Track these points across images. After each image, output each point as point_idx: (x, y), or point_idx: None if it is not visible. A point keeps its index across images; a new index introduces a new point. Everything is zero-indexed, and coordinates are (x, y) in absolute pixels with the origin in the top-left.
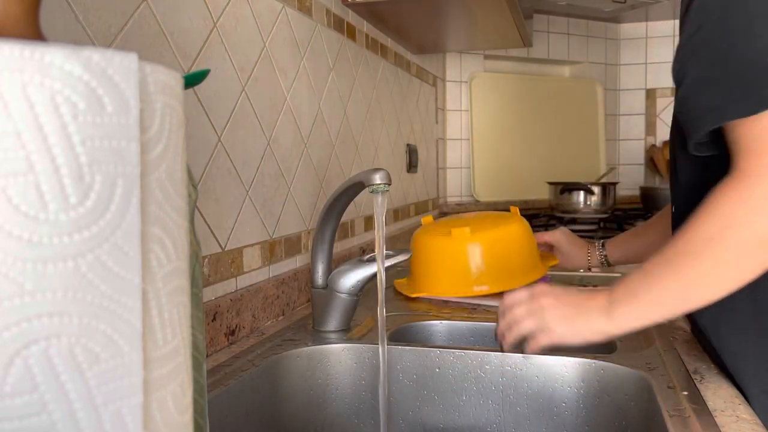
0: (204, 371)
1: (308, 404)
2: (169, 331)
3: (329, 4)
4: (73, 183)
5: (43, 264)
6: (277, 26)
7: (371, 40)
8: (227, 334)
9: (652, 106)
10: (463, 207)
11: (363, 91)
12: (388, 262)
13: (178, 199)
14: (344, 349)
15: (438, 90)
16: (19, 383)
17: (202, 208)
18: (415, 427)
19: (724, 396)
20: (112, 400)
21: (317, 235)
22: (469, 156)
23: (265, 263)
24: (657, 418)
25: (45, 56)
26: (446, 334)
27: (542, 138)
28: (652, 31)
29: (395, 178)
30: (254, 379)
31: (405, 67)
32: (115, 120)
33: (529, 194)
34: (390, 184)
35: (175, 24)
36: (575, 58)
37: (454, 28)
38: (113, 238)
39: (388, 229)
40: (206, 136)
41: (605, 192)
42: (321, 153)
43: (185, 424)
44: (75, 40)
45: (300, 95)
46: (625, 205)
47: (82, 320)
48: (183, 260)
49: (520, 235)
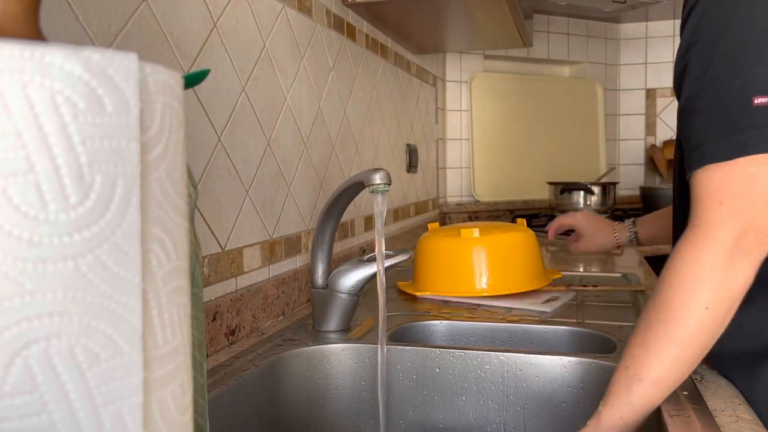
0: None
1: (308, 404)
2: (169, 331)
3: (329, 4)
4: (73, 183)
5: (43, 264)
6: (277, 26)
7: (371, 40)
8: (227, 334)
9: (652, 106)
10: (463, 207)
11: (363, 91)
12: (388, 262)
13: (178, 199)
14: (344, 349)
15: (438, 90)
16: (19, 383)
17: (202, 208)
18: (415, 427)
19: (724, 396)
20: (112, 400)
21: (317, 235)
22: (469, 156)
23: (265, 263)
24: (657, 418)
25: (45, 56)
26: (446, 334)
27: (542, 138)
28: (652, 31)
29: (395, 178)
30: (254, 379)
31: (405, 67)
32: (115, 120)
33: (529, 194)
34: (390, 184)
35: (175, 24)
36: (575, 58)
37: (454, 28)
38: (113, 238)
39: (388, 229)
40: (206, 136)
41: (605, 192)
42: (321, 153)
43: (185, 424)
44: (75, 40)
45: (300, 95)
46: (625, 205)
47: (82, 320)
48: (183, 260)
49: (525, 243)
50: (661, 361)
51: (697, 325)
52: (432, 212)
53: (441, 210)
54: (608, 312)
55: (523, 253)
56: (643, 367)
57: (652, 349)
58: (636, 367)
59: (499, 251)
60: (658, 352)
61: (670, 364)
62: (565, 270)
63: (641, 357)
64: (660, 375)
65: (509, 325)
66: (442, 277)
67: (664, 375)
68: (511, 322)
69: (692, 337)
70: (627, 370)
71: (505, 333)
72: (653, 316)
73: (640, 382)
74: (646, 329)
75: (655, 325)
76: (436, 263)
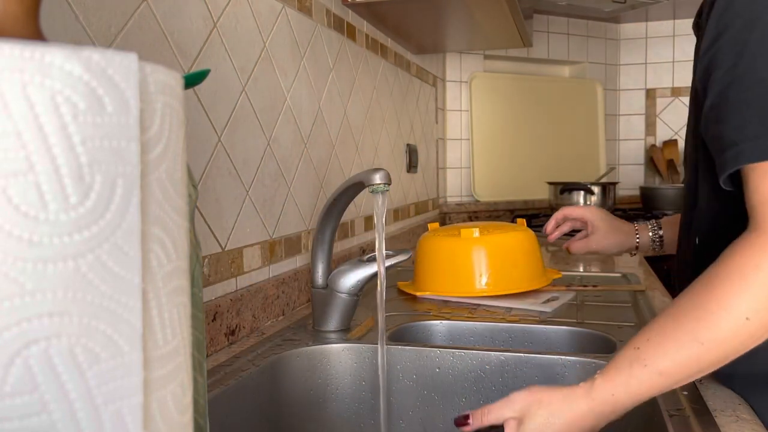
0: (204, 371)
1: (308, 404)
2: (169, 331)
3: (329, 4)
4: (73, 183)
5: (43, 264)
6: (277, 26)
7: (371, 40)
8: (227, 334)
9: (652, 106)
10: (463, 207)
11: (363, 91)
12: (388, 262)
13: (178, 199)
14: (344, 349)
15: (438, 90)
16: (19, 383)
17: (202, 208)
18: (415, 427)
19: (724, 396)
20: (112, 400)
21: (317, 235)
22: (469, 156)
23: (265, 263)
24: (657, 418)
25: (45, 56)
26: (446, 334)
27: (542, 138)
28: (652, 31)
29: (395, 178)
30: (254, 379)
31: (405, 67)
32: (115, 120)
33: (529, 194)
34: (390, 184)
35: (175, 24)
36: (575, 58)
37: (454, 28)
38: (113, 238)
39: (388, 229)
40: (206, 136)
41: (605, 192)
42: (321, 153)
43: (185, 424)
44: (75, 40)
45: (300, 95)
46: (625, 205)
47: (83, 320)
48: (183, 260)
49: (525, 243)
50: (675, 354)
51: (729, 332)
52: (432, 212)
53: (441, 210)
54: (608, 312)
55: (523, 253)
56: (653, 354)
57: (670, 340)
58: (646, 351)
59: (499, 251)
60: (677, 345)
61: (683, 362)
62: (565, 270)
63: (656, 343)
64: (668, 368)
65: (509, 325)
66: (442, 277)
67: (673, 370)
68: (511, 322)
69: (719, 342)
70: (636, 350)
71: (505, 333)
72: (685, 308)
73: (644, 368)
74: (673, 319)
75: (684, 319)
76: (436, 263)
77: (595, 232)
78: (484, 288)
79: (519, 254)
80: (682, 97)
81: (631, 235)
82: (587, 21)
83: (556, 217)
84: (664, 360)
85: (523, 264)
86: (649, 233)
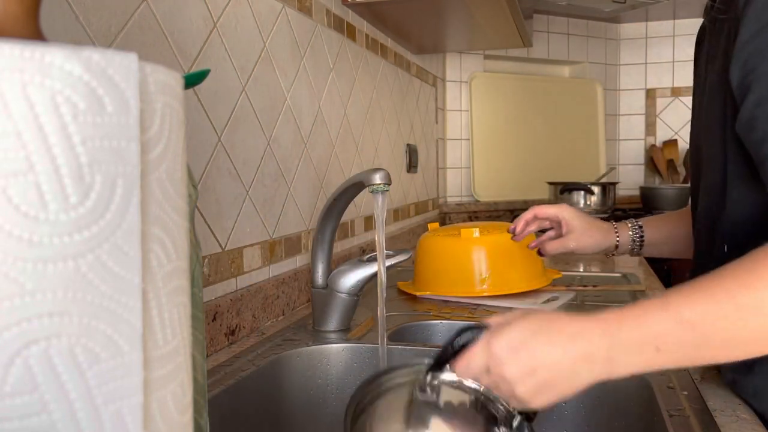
0: (204, 371)
1: (308, 404)
2: (169, 331)
3: (329, 4)
4: (73, 183)
5: (43, 264)
6: (277, 26)
7: (371, 40)
8: (227, 334)
9: (652, 106)
10: (463, 207)
11: (363, 91)
12: (388, 262)
13: (178, 199)
14: (344, 349)
15: (438, 90)
16: (19, 383)
17: (202, 208)
18: None
19: (724, 396)
20: (112, 400)
21: (317, 235)
22: (469, 156)
23: (265, 263)
24: (657, 418)
25: (45, 56)
26: (446, 334)
27: (542, 138)
28: (652, 31)
29: (395, 178)
30: (254, 379)
31: (405, 67)
32: (115, 120)
33: (529, 194)
34: (390, 184)
35: (175, 24)
36: (575, 58)
37: (454, 28)
38: (113, 238)
39: (388, 229)
40: (206, 136)
41: (605, 192)
42: (321, 153)
43: (185, 424)
44: (75, 40)
45: (300, 95)
46: (625, 205)
47: (83, 320)
48: (183, 260)
49: (525, 243)
50: (704, 306)
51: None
52: (432, 212)
53: (441, 210)
54: None
55: (523, 253)
56: (677, 298)
57: (703, 292)
58: (670, 297)
59: (499, 251)
60: (708, 297)
61: (710, 318)
62: (565, 270)
63: (683, 294)
64: (692, 318)
65: None
66: (442, 277)
67: (697, 321)
68: None
69: (758, 307)
70: (661, 298)
71: None
72: (726, 273)
73: (665, 311)
74: (710, 279)
75: (722, 281)
76: (436, 263)
77: (571, 230)
78: (484, 288)
79: (519, 254)
80: (682, 97)
81: (609, 234)
82: (587, 21)
83: (526, 217)
84: (692, 309)
85: (523, 264)
86: (629, 232)
